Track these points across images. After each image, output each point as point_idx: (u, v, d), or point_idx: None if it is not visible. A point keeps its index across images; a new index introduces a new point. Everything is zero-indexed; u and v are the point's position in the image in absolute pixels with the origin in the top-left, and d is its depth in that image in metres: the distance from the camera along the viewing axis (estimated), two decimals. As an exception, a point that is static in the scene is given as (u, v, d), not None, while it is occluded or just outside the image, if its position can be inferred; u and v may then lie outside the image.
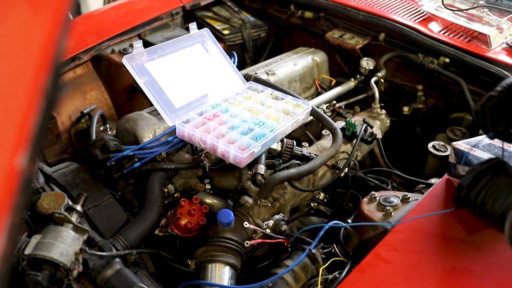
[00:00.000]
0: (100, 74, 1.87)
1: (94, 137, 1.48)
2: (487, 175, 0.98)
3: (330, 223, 1.16)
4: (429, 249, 1.04)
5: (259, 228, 1.20)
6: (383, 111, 1.76)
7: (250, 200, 1.22)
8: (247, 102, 1.42)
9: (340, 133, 1.42)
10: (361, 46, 1.95)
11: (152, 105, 1.35)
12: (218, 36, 2.08)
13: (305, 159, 1.36)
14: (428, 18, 1.94)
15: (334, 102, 1.79)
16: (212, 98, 1.44)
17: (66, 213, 0.99)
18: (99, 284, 0.99)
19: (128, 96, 1.85)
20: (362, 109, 1.83)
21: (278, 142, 1.34)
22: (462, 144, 1.17)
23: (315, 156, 1.36)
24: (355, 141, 1.50)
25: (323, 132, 1.60)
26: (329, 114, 1.74)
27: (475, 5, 1.99)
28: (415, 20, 1.91)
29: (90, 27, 1.91)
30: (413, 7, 2.01)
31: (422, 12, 1.97)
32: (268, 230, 1.22)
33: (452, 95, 1.85)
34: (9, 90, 0.47)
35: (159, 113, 1.32)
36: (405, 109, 1.93)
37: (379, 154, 1.70)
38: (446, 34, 1.84)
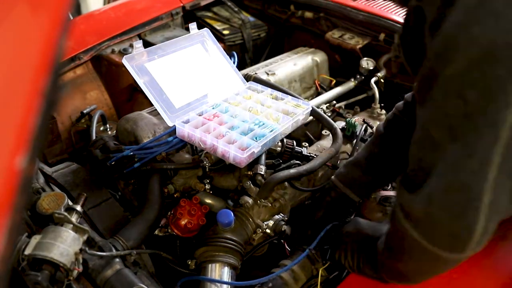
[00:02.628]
0: (100, 74, 1.87)
1: (94, 137, 1.47)
2: None
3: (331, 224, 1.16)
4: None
5: (259, 229, 1.20)
6: (383, 111, 1.76)
7: (250, 200, 1.22)
8: (247, 102, 1.42)
9: (340, 133, 1.42)
10: (361, 46, 1.94)
11: (152, 105, 1.35)
12: (218, 36, 2.08)
13: (305, 159, 1.36)
14: (428, 18, 1.94)
15: (334, 102, 1.79)
16: (212, 98, 1.44)
17: (66, 213, 0.99)
18: (99, 284, 0.99)
19: (128, 96, 1.85)
20: (362, 109, 1.83)
21: (278, 142, 1.34)
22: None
23: (315, 156, 1.36)
24: (355, 141, 1.50)
25: (323, 132, 1.60)
26: (329, 114, 1.74)
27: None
28: (415, 20, 1.91)
29: (90, 27, 1.91)
30: (413, 7, 2.01)
31: (422, 12, 1.97)
32: (268, 230, 1.22)
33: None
34: (8, 90, 0.47)
35: (159, 113, 1.32)
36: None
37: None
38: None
